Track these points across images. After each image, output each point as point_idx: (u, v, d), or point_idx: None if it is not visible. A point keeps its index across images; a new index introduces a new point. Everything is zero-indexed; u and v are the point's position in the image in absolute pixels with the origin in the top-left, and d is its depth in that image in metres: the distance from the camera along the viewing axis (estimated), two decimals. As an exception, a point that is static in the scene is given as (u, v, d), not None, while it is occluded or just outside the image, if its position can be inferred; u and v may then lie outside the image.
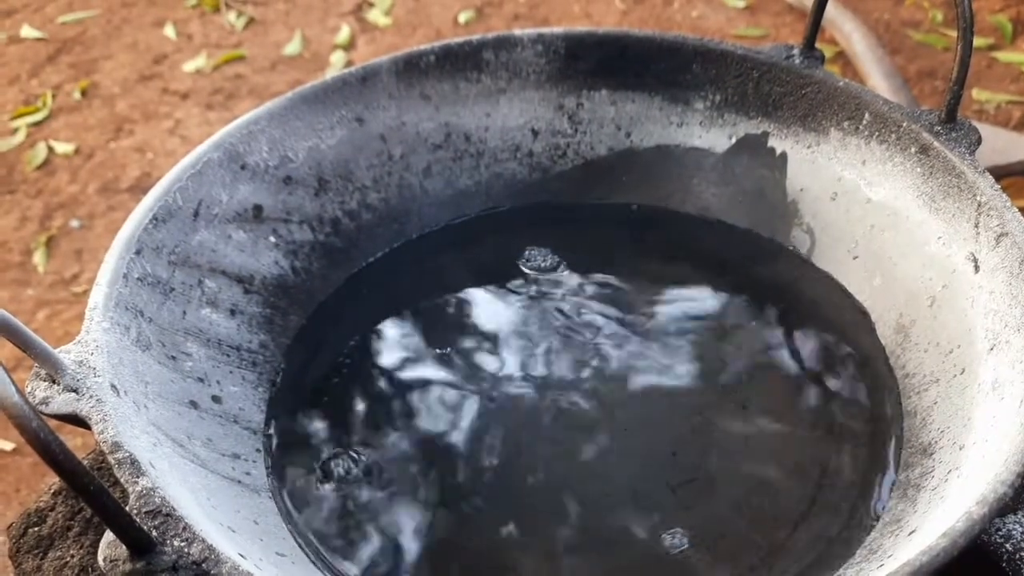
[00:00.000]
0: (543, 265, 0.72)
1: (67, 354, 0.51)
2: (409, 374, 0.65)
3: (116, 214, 1.48)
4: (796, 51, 0.70)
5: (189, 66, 1.75)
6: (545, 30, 0.73)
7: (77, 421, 0.49)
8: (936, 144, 0.62)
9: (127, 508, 0.43)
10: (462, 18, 1.81)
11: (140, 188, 1.51)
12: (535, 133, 0.76)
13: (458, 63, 0.73)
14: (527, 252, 0.73)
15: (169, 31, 1.83)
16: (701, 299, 0.69)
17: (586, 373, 0.64)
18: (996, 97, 1.55)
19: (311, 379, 0.65)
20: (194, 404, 0.58)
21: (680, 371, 0.64)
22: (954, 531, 0.43)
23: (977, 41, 1.65)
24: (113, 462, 0.46)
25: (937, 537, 0.43)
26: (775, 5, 1.77)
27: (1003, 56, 1.62)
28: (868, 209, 0.67)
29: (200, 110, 1.66)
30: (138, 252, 0.59)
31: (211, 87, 1.70)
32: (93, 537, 0.60)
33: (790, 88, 0.70)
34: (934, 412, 0.58)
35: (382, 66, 0.71)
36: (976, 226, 0.59)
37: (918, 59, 1.63)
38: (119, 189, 1.53)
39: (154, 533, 0.43)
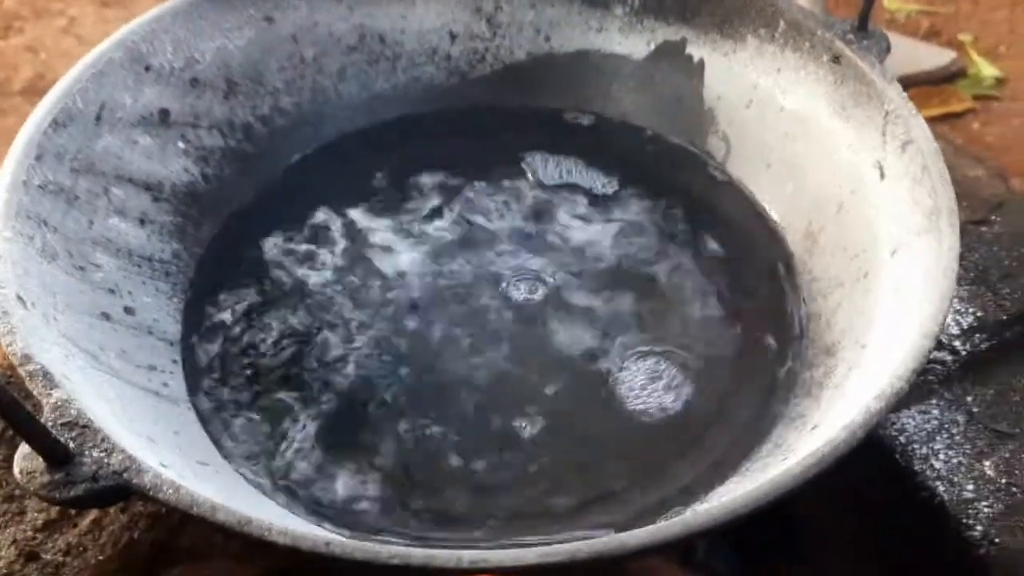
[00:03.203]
0: (458, 171, 0.71)
1: (-33, 265, 0.49)
2: (325, 277, 0.65)
3: (9, 119, 1.40)
4: (715, -44, 0.70)
5: (81, -41, 1.64)
6: (462, -73, 0.71)
7: (-18, 334, 0.47)
8: (848, 52, 0.63)
9: (42, 420, 0.42)
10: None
11: (34, 91, 1.42)
12: (453, 36, 0.74)
13: (371, -39, 0.70)
14: (442, 158, 0.72)
15: (57, -80, 1.71)
16: (614, 205, 0.69)
17: (492, 279, 0.65)
18: (906, 7, 1.57)
19: (227, 287, 0.64)
20: (106, 316, 0.56)
21: (585, 278, 0.65)
22: (853, 424, 0.45)
23: (890, -50, 1.66)
24: (24, 375, 0.45)
25: (838, 430, 0.45)
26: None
27: (914, -34, 1.64)
28: (782, 117, 0.68)
29: (95, 8, 1.56)
30: (38, 158, 0.56)
31: (107, -18, 1.60)
32: (6, 451, 0.59)
33: (708, -7, 0.70)
34: (838, 314, 0.60)
35: (292, -38, 0.68)
36: (883, 134, 0.60)
37: (832, -33, 1.63)
38: (11, 92, 1.44)
39: (71, 445, 0.43)
